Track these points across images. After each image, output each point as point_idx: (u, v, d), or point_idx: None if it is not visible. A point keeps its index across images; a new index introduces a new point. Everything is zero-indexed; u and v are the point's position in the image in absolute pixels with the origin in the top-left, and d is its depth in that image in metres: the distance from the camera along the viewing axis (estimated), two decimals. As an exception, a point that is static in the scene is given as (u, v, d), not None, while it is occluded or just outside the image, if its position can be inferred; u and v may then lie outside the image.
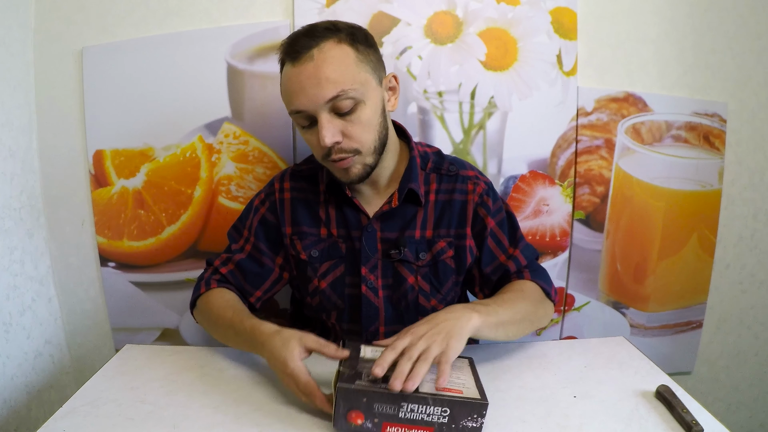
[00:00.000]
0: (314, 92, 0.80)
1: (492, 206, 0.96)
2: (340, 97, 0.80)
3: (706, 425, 0.70)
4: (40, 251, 1.23)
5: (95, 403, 0.77)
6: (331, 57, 0.80)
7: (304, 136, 0.87)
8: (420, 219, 0.95)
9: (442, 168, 0.97)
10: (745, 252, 1.36)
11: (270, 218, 0.98)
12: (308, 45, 0.81)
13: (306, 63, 0.80)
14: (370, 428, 0.68)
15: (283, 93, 0.86)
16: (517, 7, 1.18)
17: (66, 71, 1.19)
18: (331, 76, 0.80)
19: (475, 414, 0.68)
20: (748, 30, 1.24)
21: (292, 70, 0.82)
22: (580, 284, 1.31)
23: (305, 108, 0.81)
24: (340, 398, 0.67)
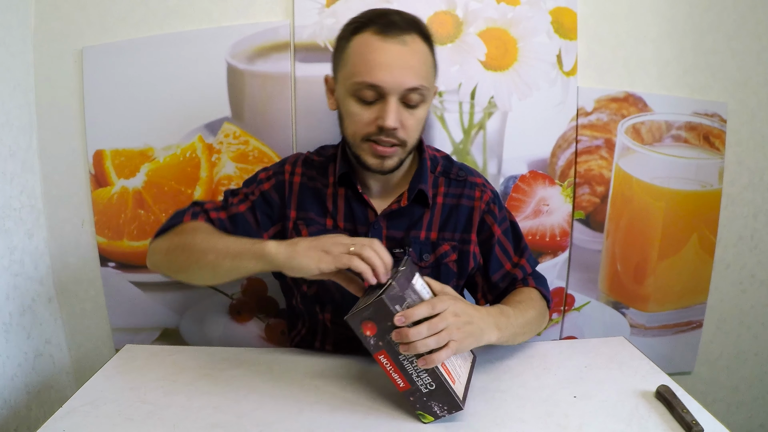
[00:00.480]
0: (400, 75, 0.81)
1: (498, 214, 0.98)
2: (417, 90, 0.83)
3: (706, 425, 0.70)
4: (40, 251, 1.23)
5: (95, 403, 0.77)
6: (418, 50, 0.83)
7: (355, 109, 0.85)
8: (426, 220, 0.95)
9: (451, 172, 0.99)
10: (745, 252, 1.36)
11: (273, 196, 0.96)
12: (403, 27, 0.82)
13: (397, 43, 0.81)
14: (371, 344, 0.70)
15: (353, 62, 0.83)
16: (517, 7, 1.18)
17: (66, 71, 1.19)
18: (417, 68, 0.82)
19: (446, 406, 0.71)
20: (748, 30, 1.24)
21: (378, 42, 0.81)
22: (580, 284, 1.31)
23: (385, 85, 0.81)
24: (373, 305, 0.68)
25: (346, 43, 0.85)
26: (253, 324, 1.30)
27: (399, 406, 0.77)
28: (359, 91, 0.83)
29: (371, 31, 0.82)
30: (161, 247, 0.90)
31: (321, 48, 1.17)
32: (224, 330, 1.30)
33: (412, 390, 0.72)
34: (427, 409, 0.72)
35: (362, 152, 0.87)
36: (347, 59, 0.85)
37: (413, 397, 0.72)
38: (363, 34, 0.83)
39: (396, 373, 0.71)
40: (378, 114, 0.83)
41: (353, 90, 0.84)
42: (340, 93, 0.88)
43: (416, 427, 0.72)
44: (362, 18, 0.85)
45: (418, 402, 0.72)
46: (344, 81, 0.85)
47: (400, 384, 0.72)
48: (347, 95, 0.85)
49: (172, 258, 0.88)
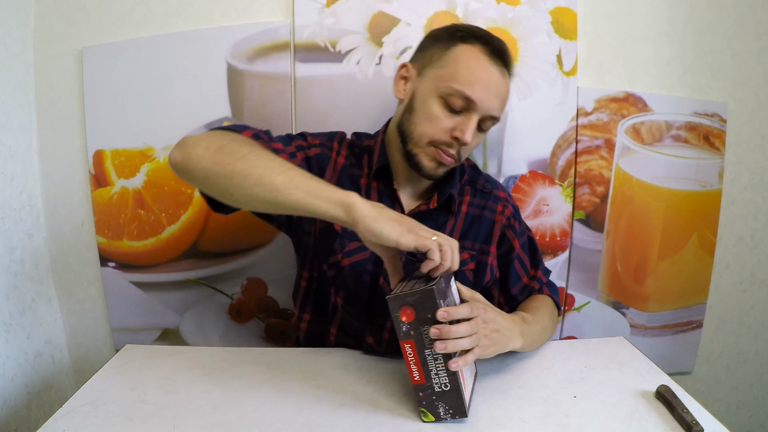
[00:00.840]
0: (493, 101, 0.85)
1: (518, 229, 1.01)
2: (494, 120, 0.88)
3: (706, 425, 0.70)
4: (40, 251, 1.23)
5: (95, 403, 0.77)
6: (507, 86, 0.89)
7: (437, 111, 0.86)
8: (450, 226, 0.96)
9: (478, 183, 1.01)
10: (745, 252, 1.36)
11: (314, 165, 0.94)
12: (504, 59, 0.86)
13: (499, 72, 0.85)
14: (401, 330, 0.70)
15: (459, 70, 0.84)
16: (517, 7, 1.18)
17: (66, 71, 1.19)
18: (502, 100, 0.88)
19: (452, 410, 0.72)
20: (748, 30, 1.24)
21: (487, 62, 0.84)
22: (580, 284, 1.31)
23: (480, 103, 0.84)
24: (420, 294, 0.68)
25: (450, 45, 0.86)
26: (253, 324, 1.30)
27: (399, 406, 0.77)
28: (451, 97, 0.84)
29: (481, 47, 0.85)
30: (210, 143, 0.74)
31: (321, 48, 1.18)
32: (224, 330, 1.30)
33: (425, 386, 0.72)
34: (433, 408, 0.72)
35: (421, 153, 0.89)
36: (449, 62, 0.85)
37: (423, 393, 0.72)
38: (473, 46, 0.85)
39: (416, 366, 0.71)
40: (457, 125, 0.86)
41: (445, 93, 0.85)
42: (424, 89, 0.88)
43: (416, 427, 0.72)
44: (472, 31, 0.87)
45: (426, 399, 0.72)
46: (436, 80, 0.86)
47: (416, 377, 0.72)
48: (433, 94, 0.86)
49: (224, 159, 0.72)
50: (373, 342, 0.94)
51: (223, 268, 1.27)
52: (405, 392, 0.80)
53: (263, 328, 1.30)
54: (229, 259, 1.26)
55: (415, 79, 0.90)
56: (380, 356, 0.93)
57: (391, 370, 0.87)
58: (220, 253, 1.26)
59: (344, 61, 1.18)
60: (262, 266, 1.27)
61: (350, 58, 1.18)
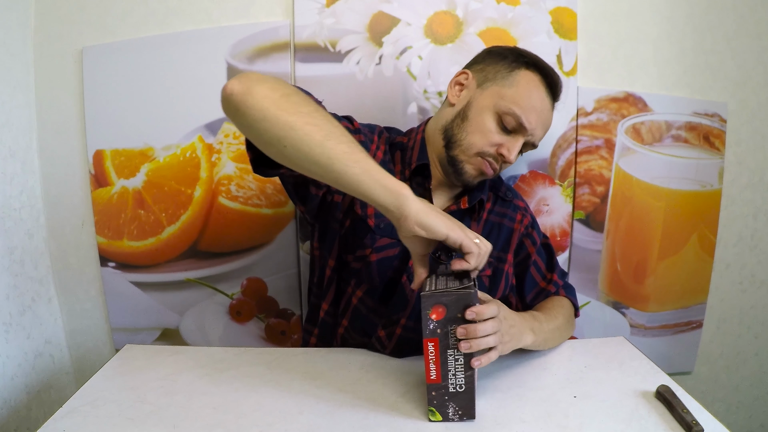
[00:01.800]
0: (540, 129, 0.93)
1: (536, 238, 1.04)
2: (534, 146, 0.94)
3: (706, 425, 0.70)
4: (40, 251, 1.23)
5: (95, 403, 0.77)
6: (551, 120, 0.96)
7: (491, 126, 0.91)
8: (472, 230, 0.95)
9: (500, 191, 1.04)
10: (745, 252, 1.36)
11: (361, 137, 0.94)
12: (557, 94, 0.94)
13: (550, 103, 0.93)
14: (429, 327, 0.70)
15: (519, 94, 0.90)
16: (517, 7, 1.18)
17: (66, 71, 1.19)
18: (544, 131, 0.95)
19: (461, 411, 0.73)
20: (748, 30, 1.24)
21: (544, 93, 0.91)
22: (580, 284, 1.31)
23: (529, 129, 0.90)
24: (457, 294, 0.69)
25: (516, 67, 0.92)
26: (253, 324, 1.30)
27: (399, 406, 0.77)
28: (507, 116, 0.90)
29: (542, 78, 0.91)
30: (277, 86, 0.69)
31: (321, 48, 1.18)
32: (224, 330, 1.30)
33: (440, 386, 0.72)
34: (443, 408, 0.73)
35: (467, 160, 0.93)
36: (513, 83, 0.91)
37: (436, 393, 0.72)
38: (536, 74, 0.91)
39: (435, 365, 0.71)
40: (505, 143, 0.91)
41: (502, 111, 0.90)
42: (483, 102, 0.92)
43: (417, 427, 0.72)
44: (535, 60, 0.93)
45: (438, 399, 0.73)
46: (497, 97, 0.91)
47: (433, 376, 0.72)
48: (490, 109, 0.91)
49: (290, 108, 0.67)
50: (384, 336, 0.94)
51: (223, 268, 1.27)
52: (405, 392, 0.80)
53: (263, 328, 1.30)
54: (229, 259, 1.26)
55: (473, 89, 0.94)
56: (383, 354, 0.93)
57: (392, 370, 0.87)
58: (220, 253, 1.26)
59: (344, 61, 1.18)
60: (262, 266, 1.27)
61: (350, 58, 1.18)
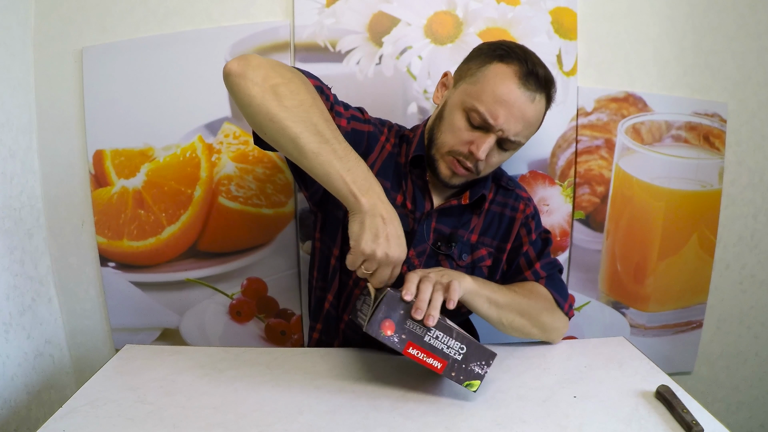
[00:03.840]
0: (511, 124, 0.86)
1: (534, 229, 1.01)
2: (515, 143, 0.89)
3: (706, 425, 0.70)
4: (40, 251, 1.23)
5: (95, 403, 0.77)
6: (538, 112, 0.89)
7: (459, 123, 0.88)
8: (473, 224, 0.98)
9: (502, 180, 1.03)
10: (745, 252, 1.36)
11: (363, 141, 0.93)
12: (539, 86, 0.86)
13: (527, 98, 0.86)
14: (396, 342, 0.74)
15: (484, 89, 0.86)
16: (517, 7, 1.18)
17: (66, 71, 1.19)
18: (527, 126, 0.88)
19: (483, 361, 0.75)
20: (748, 30, 1.24)
21: (515, 87, 0.85)
22: (580, 284, 1.31)
23: (495, 125, 0.86)
24: (383, 302, 0.73)
25: (487, 62, 0.88)
26: (253, 324, 1.30)
27: (399, 406, 0.77)
28: (472, 113, 0.87)
29: (514, 69, 0.85)
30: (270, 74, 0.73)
31: (321, 48, 1.18)
32: (224, 330, 1.30)
33: (450, 364, 0.74)
34: (470, 374, 0.75)
35: (440, 160, 0.92)
36: (479, 78, 0.88)
37: (454, 371, 0.75)
38: (508, 66, 0.86)
39: (429, 357, 0.74)
40: (474, 139, 0.88)
41: (467, 108, 0.88)
42: (455, 100, 0.90)
43: (417, 427, 0.72)
44: (510, 49, 0.87)
45: (460, 372, 0.75)
46: (464, 94, 0.89)
47: (437, 365, 0.74)
48: (459, 106, 0.89)
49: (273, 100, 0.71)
50: None
51: (223, 268, 1.27)
52: (405, 392, 0.80)
53: (263, 328, 1.30)
54: (229, 259, 1.26)
55: (450, 88, 0.93)
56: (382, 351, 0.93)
57: (392, 370, 0.87)
58: (220, 253, 1.26)
59: (344, 61, 1.18)
60: (262, 266, 1.27)
61: (350, 58, 1.18)
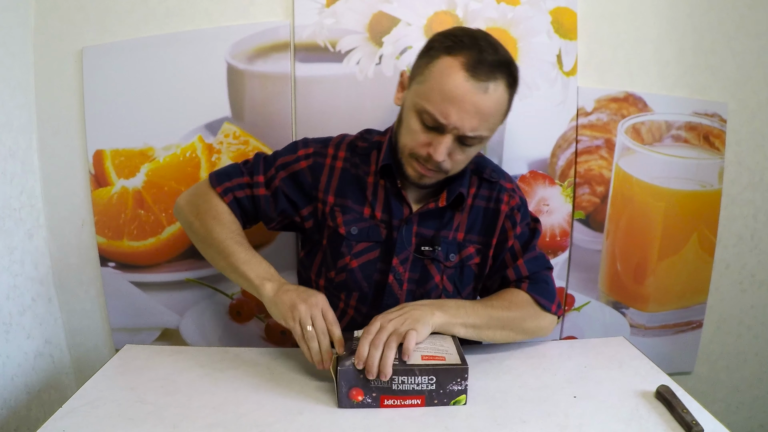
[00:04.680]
0: (465, 121, 0.80)
1: (519, 222, 0.97)
2: (476, 138, 0.83)
3: (706, 425, 0.70)
4: (40, 251, 1.23)
5: (95, 403, 0.77)
6: (496, 101, 0.81)
7: (414, 126, 0.84)
8: (456, 221, 0.95)
9: (484, 172, 0.98)
10: (745, 252, 1.36)
11: (307, 176, 0.96)
12: (492, 72, 0.79)
13: (478, 90, 0.78)
14: (371, 403, 0.76)
15: (432, 88, 0.80)
16: (517, 7, 1.18)
17: (66, 71, 1.19)
18: (485, 119, 0.81)
19: (458, 378, 0.75)
20: (748, 30, 1.24)
21: (462, 82, 0.78)
22: (580, 284, 1.31)
23: (447, 125, 0.80)
24: (341, 378, 0.75)
25: (433, 57, 0.81)
26: (253, 324, 1.30)
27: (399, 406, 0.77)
28: (423, 114, 0.82)
29: (461, 61, 0.78)
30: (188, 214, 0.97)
31: (321, 48, 1.18)
32: (224, 330, 1.30)
33: (427, 397, 0.75)
34: (451, 394, 0.76)
35: (406, 163, 0.89)
36: (427, 76, 0.82)
37: (436, 399, 0.76)
38: (455, 59, 0.79)
39: (406, 400, 0.75)
40: (431, 141, 0.83)
41: (419, 109, 0.83)
42: (408, 101, 0.86)
43: (417, 427, 0.72)
44: (457, 39, 0.80)
45: (442, 397, 0.75)
46: (415, 95, 0.84)
47: (417, 402, 0.76)
48: (412, 108, 0.84)
49: (191, 233, 0.98)
50: None
51: (223, 268, 1.26)
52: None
53: (263, 328, 1.30)
54: (229, 259, 1.26)
55: (407, 89, 0.88)
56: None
57: (391, 370, 0.87)
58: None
59: (344, 61, 1.18)
60: (262, 266, 1.26)
61: (350, 58, 1.18)
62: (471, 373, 0.77)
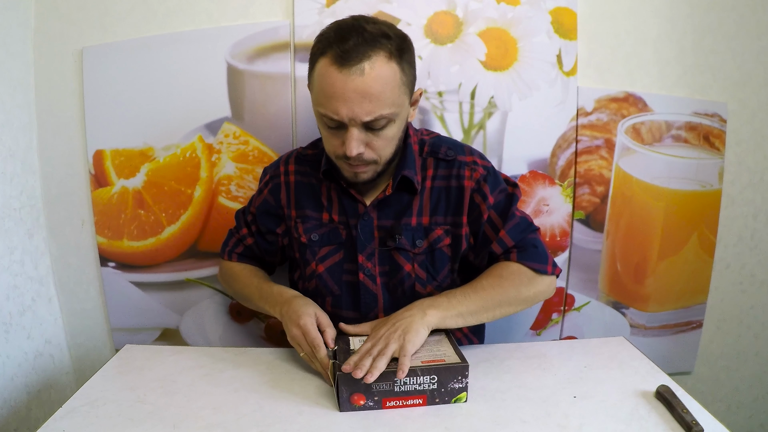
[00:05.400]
0: (356, 109, 0.79)
1: (490, 193, 0.93)
2: (378, 119, 0.81)
3: (706, 425, 0.70)
4: (40, 251, 1.23)
5: (95, 403, 0.77)
6: (379, 77, 0.79)
7: (325, 133, 0.87)
8: (416, 206, 0.94)
9: (440, 152, 0.96)
10: (745, 252, 1.36)
11: (270, 200, 1.01)
12: (360, 54, 0.77)
13: (354, 75, 0.78)
14: (373, 406, 0.76)
15: (316, 90, 0.83)
16: (517, 7, 1.18)
17: (66, 71, 1.19)
18: (377, 98, 0.79)
19: (459, 376, 0.76)
20: (748, 30, 1.24)
21: (337, 75, 0.78)
22: (580, 284, 1.31)
23: (342, 119, 0.81)
24: (341, 384, 0.75)
25: (313, 63, 0.83)
26: (253, 324, 1.30)
27: (399, 406, 0.77)
28: (323, 118, 0.84)
29: (330, 57, 0.79)
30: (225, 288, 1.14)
31: (321, 48, 1.17)
32: (224, 330, 1.30)
33: (429, 396, 0.76)
34: (452, 392, 0.76)
35: (339, 166, 0.90)
36: (312, 83, 0.85)
37: (437, 398, 0.76)
38: (324, 59, 0.80)
39: (408, 400, 0.76)
40: (341, 139, 0.84)
41: (318, 115, 0.85)
42: (313, 111, 0.87)
43: (417, 427, 0.72)
44: (325, 38, 0.81)
45: (443, 396, 0.76)
46: (313, 104, 0.86)
47: (419, 402, 0.76)
48: (316, 116, 0.87)
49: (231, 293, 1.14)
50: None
51: (223, 268, 1.26)
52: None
53: (263, 328, 1.30)
54: (229, 259, 1.26)
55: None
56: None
57: (391, 370, 0.87)
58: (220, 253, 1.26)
59: (344, 61, 1.18)
60: (262, 266, 1.27)
61: (350, 58, 1.18)
62: (471, 373, 0.78)
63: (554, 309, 1.32)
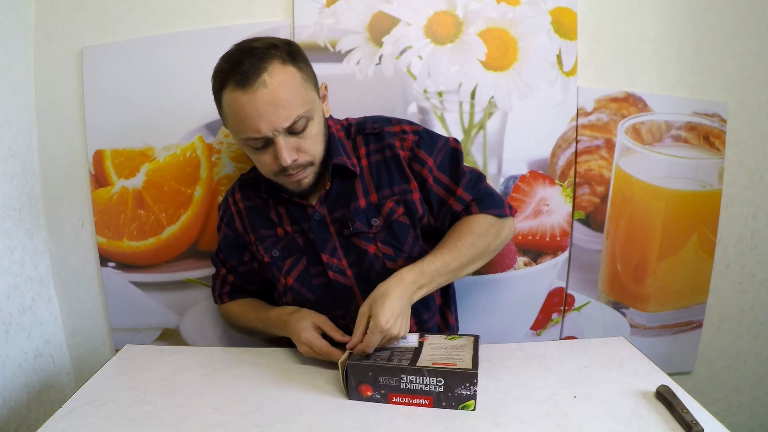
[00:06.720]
0: (273, 119, 0.82)
1: (427, 157, 0.95)
2: (296, 121, 0.84)
3: (706, 425, 0.70)
4: (40, 251, 1.23)
5: (95, 403, 0.78)
6: (282, 82, 0.82)
7: (255, 157, 0.89)
8: (360, 188, 0.96)
9: (366, 128, 0.98)
10: (745, 252, 1.36)
11: (229, 233, 1.05)
12: (257, 69, 0.81)
13: (259, 89, 0.81)
14: (379, 399, 0.78)
15: (231, 121, 0.86)
16: (517, 7, 1.18)
17: (66, 71, 1.19)
18: (287, 101, 0.83)
19: (467, 383, 0.76)
20: (748, 30, 1.24)
21: (243, 97, 0.81)
22: (580, 284, 1.31)
23: (265, 134, 0.83)
24: (350, 374, 0.78)
25: (218, 98, 0.87)
26: (253, 324, 1.30)
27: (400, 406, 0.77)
28: (247, 144, 0.87)
29: (232, 85, 0.82)
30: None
31: (321, 48, 1.18)
32: (224, 330, 1.30)
33: (435, 398, 0.76)
34: (460, 398, 0.76)
35: (282, 183, 0.93)
36: (225, 116, 0.87)
37: (444, 402, 0.76)
38: (227, 90, 0.83)
39: (414, 399, 0.76)
40: (274, 154, 0.86)
41: (242, 143, 0.88)
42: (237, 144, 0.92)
43: (417, 427, 0.72)
44: (221, 71, 0.85)
45: (450, 400, 0.76)
46: (232, 135, 0.89)
47: (425, 403, 0.76)
48: (241, 146, 0.90)
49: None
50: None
51: (223, 268, 1.26)
52: (405, 392, 0.80)
53: (263, 328, 1.30)
54: (229, 259, 1.26)
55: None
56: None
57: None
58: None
59: (344, 61, 1.18)
60: (262, 266, 1.27)
61: (350, 58, 1.18)
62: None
63: (554, 309, 1.32)
